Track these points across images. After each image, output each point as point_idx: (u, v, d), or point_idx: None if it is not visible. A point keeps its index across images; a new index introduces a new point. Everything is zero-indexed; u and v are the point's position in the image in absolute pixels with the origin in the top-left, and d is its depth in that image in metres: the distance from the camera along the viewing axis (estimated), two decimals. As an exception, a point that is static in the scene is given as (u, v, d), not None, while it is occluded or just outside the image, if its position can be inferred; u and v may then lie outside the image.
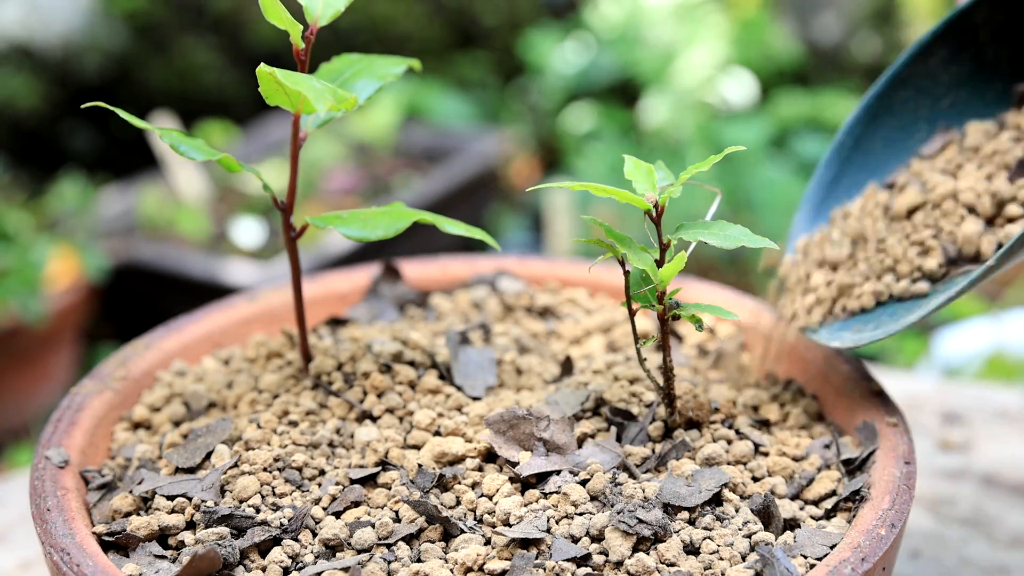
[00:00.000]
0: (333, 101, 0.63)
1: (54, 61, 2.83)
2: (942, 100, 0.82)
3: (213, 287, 2.17)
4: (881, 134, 0.83)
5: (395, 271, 0.91)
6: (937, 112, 0.82)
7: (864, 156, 0.83)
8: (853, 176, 0.83)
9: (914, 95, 0.83)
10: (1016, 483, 1.06)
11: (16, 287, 1.99)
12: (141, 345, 0.83)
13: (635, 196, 0.67)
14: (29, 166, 2.77)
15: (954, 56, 0.82)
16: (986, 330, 1.86)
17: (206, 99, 2.93)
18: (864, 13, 3.10)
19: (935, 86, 0.82)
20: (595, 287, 0.92)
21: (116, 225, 2.42)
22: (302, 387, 0.77)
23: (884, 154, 0.83)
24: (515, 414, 0.71)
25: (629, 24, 3.08)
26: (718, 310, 0.69)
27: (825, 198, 0.83)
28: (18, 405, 2.20)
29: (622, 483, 0.67)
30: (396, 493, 0.68)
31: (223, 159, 0.69)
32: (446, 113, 3.00)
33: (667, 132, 2.84)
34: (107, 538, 0.67)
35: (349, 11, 0.73)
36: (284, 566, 0.64)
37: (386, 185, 2.57)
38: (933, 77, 0.82)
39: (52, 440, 0.73)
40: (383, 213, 0.73)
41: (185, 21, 2.99)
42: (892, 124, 0.83)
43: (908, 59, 0.82)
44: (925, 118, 0.83)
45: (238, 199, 2.50)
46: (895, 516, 0.65)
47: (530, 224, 2.90)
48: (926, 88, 0.82)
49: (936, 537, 0.99)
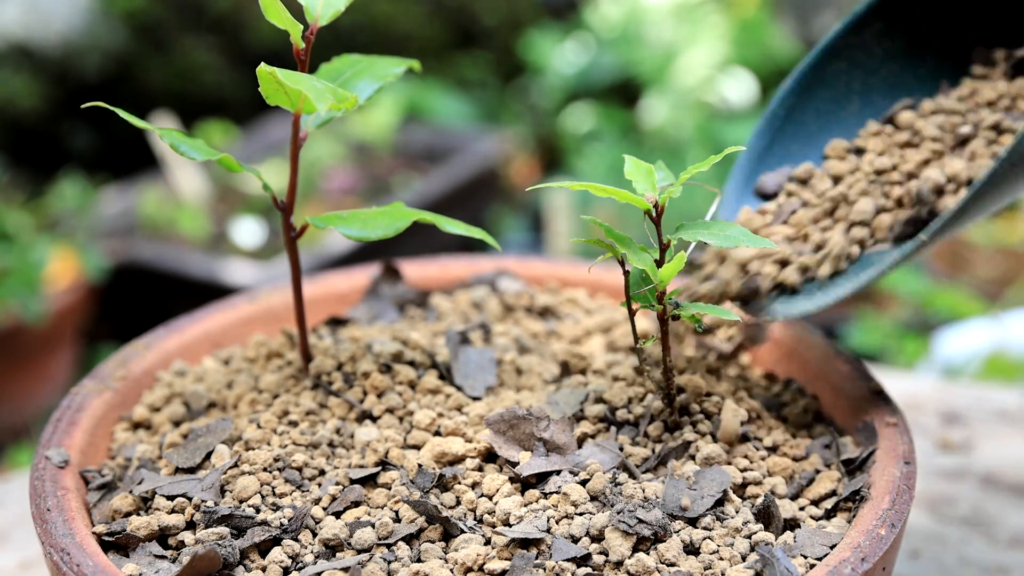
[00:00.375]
0: (333, 101, 0.63)
1: (54, 61, 2.83)
2: (875, 74, 0.82)
3: (213, 287, 2.17)
4: (813, 106, 0.83)
5: (395, 271, 0.91)
6: (869, 86, 0.82)
7: (796, 127, 0.83)
8: (785, 146, 0.83)
9: (847, 68, 0.82)
10: (1016, 483, 1.06)
11: (16, 287, 1.99)
12: (141, 345, 0.83)
13: (635, 196, 0.67)
14: (29, 166, 2.77)
15: (888, 30, 0.81)
16: (986, 330, 1.86)
17: (206, 99, 2.93)
18: (864, 13, 3.10)
19: (868, 59, 0.82)
20: (595, 287, 0.92)
21: (116, 225, 2.42)
22: (302, 387, 0.77)
23: (816, 126, 0.82)
24: (515, 414, 0.71)
25: (629, 24, 3.08)
26: (718, 310, 0.69)
27: (756, 167, 0.82)
28: (18, 405, 2.20)
29: (622, 483, 0.67)
30: (396, 493, 0.68)
31: (223, 159, 0.69)
32: (446, 113, 3.00)
33: (667, 132, 2.84)
34: (107, 538, 0.67)
35: (349, 11, 0.73)
36: (284, 566, 0.64)
37: (386, 185, 2.58)
38: (867, 50, 0.82)
39: (52, 440, 0.73)
40: (383, 213, 0.73)
41: (185, 21, 2.99)
42: (824, 96, 0.83)
43: (842, 31, 0.82)
44: (857, 91, 0.82)
45: (238, 199, 2.50)
46: (895, 516, 0.65)
47: (530, 224, 2.90)
48: (859, 61, 0.82)
49: (936, 537, 0.99)
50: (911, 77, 0.82)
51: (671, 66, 2.96)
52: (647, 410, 0.73)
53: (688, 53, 2.96)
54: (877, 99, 0.82)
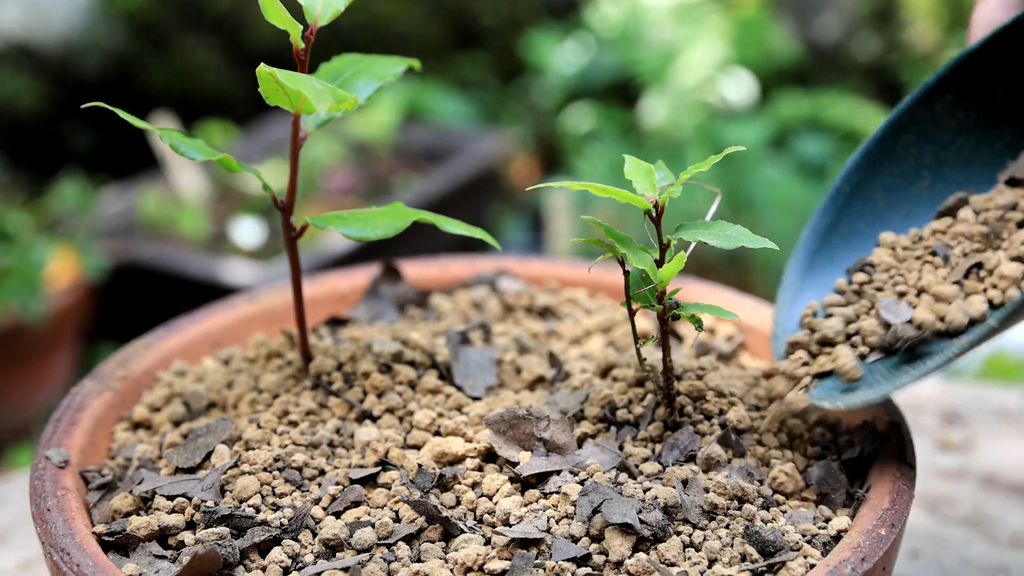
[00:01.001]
0: (333, 101, 0.63)
1: (54, 61, 2.83)
2: (948, 147, 0.78)
3: (213, 287, 2.17)
4: (881, 181, 0.79)
5: (395, 271, 0.91)
6: (942, 160, 0.78)
7: (862, 203, 0.79)
8: (850, 224, 0.78)
9: (917, 140, 0.78)
10: (1016, 483, 1.06)
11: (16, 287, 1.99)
12: (141, 345, 0.83)
13: (635, 196, 0.67)
14: (29, 166, 2.77)
15: (961, 101, 0.77)
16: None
17: (206, 99, 2.94)
18: (864, 13, 3.10)
19: (940, 132, 0.78)
20: (595, 287, 0.92)
21: (116, 225, 2.42)
22: (302, 387, 0.77)
23: (884, 202, 0.78)
24: (515, 414, 0.71)
25: (629, 24, 3.08)
26: (718, 310, 0.69)
27: (820, 247, 0.78)
28: (18, 405, 2.20)
29: (622, 483, 0.67)
30: (396, 493, 0.68)
31: (223, 159, 0.69)
32: (446, 113, 3.00)
33: (667, 132, 2.84)
34: (107, 538, 0.67)
35: (349, 11, 0.73)
36: (284, 566, 0.64)
37: (386, 185, 2.58)
38: (938, 122, 0.78)
39: (52, 440, 0.73)
40: (383, 213, 0.73)
41: (185, 21, 2.99)
42: (893, 171, 0.78)
43: (911, 103, 0.78)
44: (929, 165, 0.78)
45: (238, 199, 2.50)
46: (895, 516, 0.65)
47: (530, 224, 2.90)
48: (930, 134, 0.78)
49: (936, 537, 0.99)
50: (987, 151, 0.77)
51: (671, 66, 2.96)
52: (647, 410, 0.73)
53: (688, 53, 2.96)
54: (950, 174, 0.78)
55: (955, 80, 0.77)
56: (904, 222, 0.78)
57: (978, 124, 0.78)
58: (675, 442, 0.71)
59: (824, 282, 0.77)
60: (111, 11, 2.89)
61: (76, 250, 2.19)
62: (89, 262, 2.17)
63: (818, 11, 3.14)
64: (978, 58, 0.75)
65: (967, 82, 0.77)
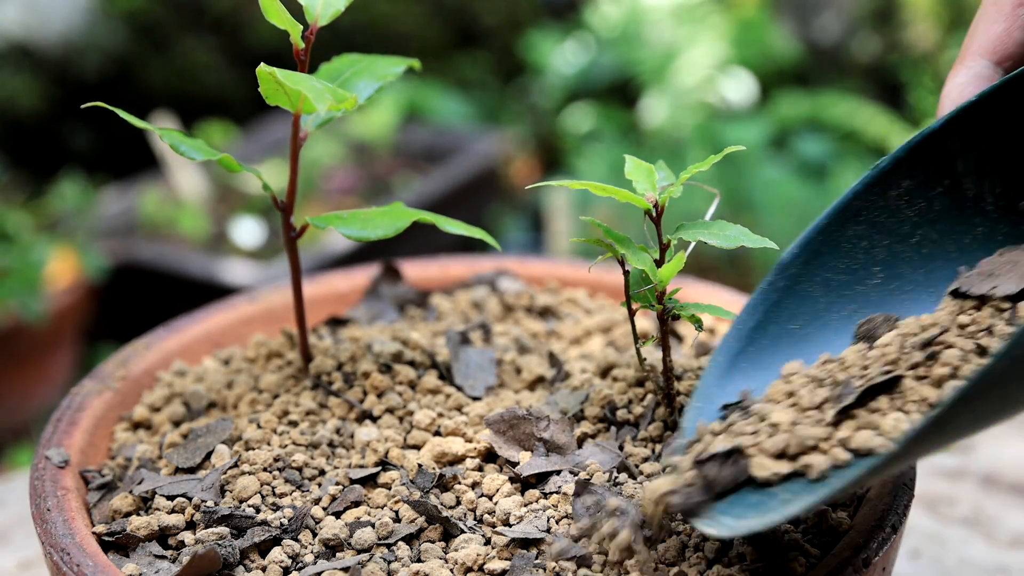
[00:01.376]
0: (333, 101, 0.63)
1: (54, 61, 2.83)
2: (906, 241, 0.66)
3: (213, 287, 2.17)
4: (822, 276, 0.67)
5: (395, 271, 0.91)
6: (898, 255, 0.66)
7: (799, 301, 0.67)
8: (782, 324, 0.67)
9: (868, 232, 0.66)
10: (1016, 483, 1.06)
11: (16, 287, 1.99)
12: (141, 345, 0.83)
13: (635, 196, 0.67)
14: (29, 166, 2.77)
15: (921, 187, 0.66)
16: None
17: (206, 99, 2.94)
18: (864, 13, 3.10)
19: (896, 223, 0.66)
20: (595, 287, 0.92)
21: (116, 225, 2.42)
22: (302, 387, 0.77)
23: (824, 300, 0.67)
24: (515, 414, 0.71)
25: (629, 24, 3.08)
26: (718, 310, 0.69)
27: (745, 348, 0.67)
28: (18, 405, 2.20)
29: (622, 483, 0.67)
30: (396, 493, 0.68)
31: (223, 159, 0.69)
32: (446, 113, 3.00)
33: (667, 132, 2.84)
34: (107, 538, 0.67)
35: (349, 11, 0.73)
36: (284, 566, 0.64)
37: (386, 185, 2.58)
38: (894, 212, 0.66)
39: (52, 440, 0.73)
40: (383, 213, 0.73)
41: (185, 21, 2.99)
42: (837, 265, 0.67)
43: (861, 188, 0.66)
44: (882, 261, 0.67)
45: (238, 199, 2.50)
46: (895, 516, 0.65)
47: (530, 224, 2.90)
48: (884, 225, 0.66)
49: (936, 537, 0.99)
50: (953, 247, 0.66)
51: (671, 66, 2.96)
52: (647, 410, 0.73)
53: (688, 53, 2.96)
54: (907, 272, 0.66)
55: (914, 163, 0.65)
56: (847, 323, 0.67)
57: (943, 215, 0.66)
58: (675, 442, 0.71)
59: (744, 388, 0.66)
60: (111, 11, 2.89)
61: (76, 250, 2.19)
62: (89, 262, 2.17)
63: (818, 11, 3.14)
64: (942, 138, 0.65)
65: (929, 166, 0.65)
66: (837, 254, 0.67)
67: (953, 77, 0.66)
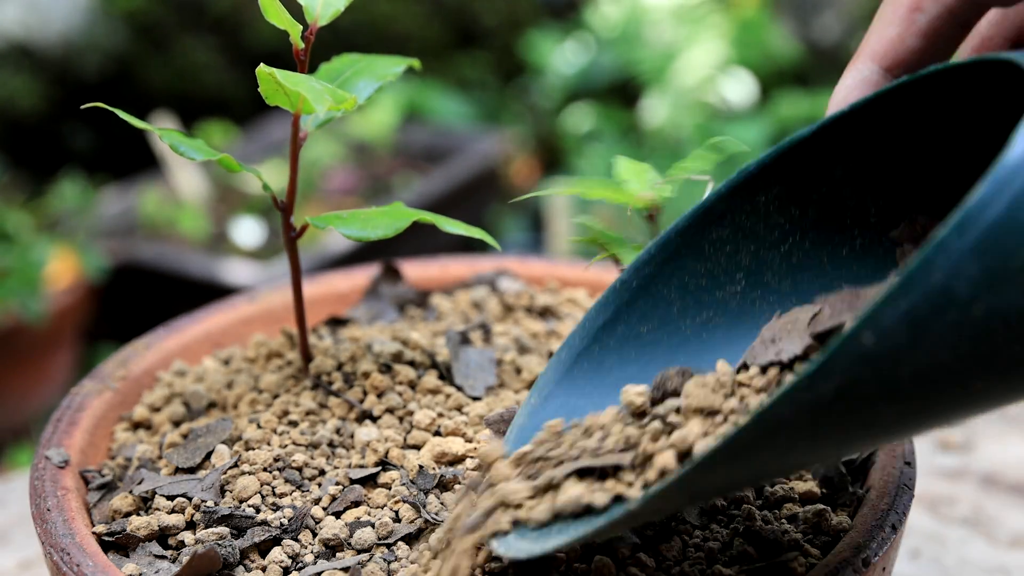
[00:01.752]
0: (332, 101, 0.63)
1: (54, 61, 2.83)
2: (775, 248, 0.62)
3: (213, 287, 2.18)
4: (678, 278, 0.63)
5: (395, 271, 0.91)
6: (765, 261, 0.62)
7: (652, 303, 0.63)
8: (632, 326, 0.63)
9: (733, 236, 0.62)
10: (1016, 483, 1.06)
11: (16, 287, 1.99)
12: (141, 345, 0.83)
13: (627, 195, 0.67)
14: (29, 166, 2.77)
15: (793, 195, 0.61)
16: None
17: (206, 99, 2.94)
18: (864, 13, 3.10)
19: (765, 230, 0.62)
20: (595, 287, 0.92)
21: (116, 225, 2.42)
22: (302, 387, 0.77)
23: (679, 304, 0.63)
24: (515, 414, 0.71)
25: (629, 24, 3.08)
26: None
27: (590, 346, 0.64)
28: (18, 405, 2.20)
29: (622, 483, 0.67)
30: (396, 493, 0.68)
31: (223, 159, 0.69)
32: (446, 113, 3.00)
33: (667, 132, 2.85)
34: (107, 538, 0.67)
35: (349, 11, 0.73)
36: (284, 566, 0.64)
37: (386, 185, 2.58)
38: (763, 217, 0.62)
39: (52, 440, 0.73)
40: (383, 213, 0.73)
41: (185, 21, 2.99)
42: (696, 268, 0.63)
43: (725, 191, 0.62)
44: (746, 267, 0.62)
45: (238, 199, 2.50)
46: (895, 516, 0.65)
47: (530, 224, 2.91)
48: (751, 230, 0.62)
49: (936, 537, 0.99)
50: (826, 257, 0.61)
51: (671, 66, 2.96)
52: (647, 410, 0.73)
53: (688, 53, 2.97)
54: (772, 280, 0.62)
55: (785, 169, 0.61)
56: (699, 333, 0.63)
57: (817, 224, 0.61)
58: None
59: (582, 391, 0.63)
60: (111, 11, 2.89)
61: (76, 250, 2.19)
62: (89, 262, 2.17)
63: (818, 11, 3.14)
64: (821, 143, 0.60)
65: (803, 172, 0.61)
66: (698, 257, 0.63)
67: (843, 79, 0.61)
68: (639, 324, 0.63)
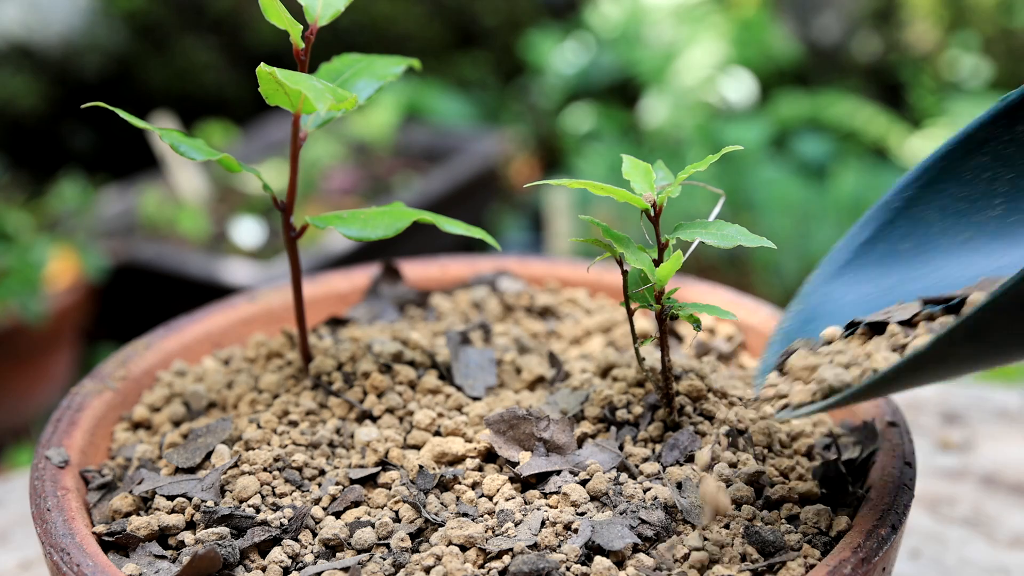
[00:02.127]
0: (333, 101, 0.63)
1: (54, 61, 2.83)
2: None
3: (213, 287, 2.17)
4: (940, 201, 0.67)
5: (395, 271, 0.91)
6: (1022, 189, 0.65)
7: (912, 223, 0.68)
8: (893, 244, 0.68)
9: (992, 163, 0.66)
10: (1016, 483, 1.06)
11: (16, 287, 1.99)
12: (141, 345, 0.83)
13: (633, 195, 0.67)
14: (29, 166, 2.77)
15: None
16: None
17: (206, 99, 2.94)
18: (864, 13, 3.10)
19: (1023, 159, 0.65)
20: (595, 287, 0.92)
21: (116, 225, 2.42)
22: (302, 387, 0.77)
23: (940, 225, 0.67)
24: (515, 414, 0.71)
25: (629, 24, 3.08)
26: (717, 310, 0.69)
27: (851, 260, 0.69)
28: (18, 405, 2.20)
29: (622, 483, 0.67)
30: (396, 493, 0.68)
31: (223, 159, 0.69)
32: (446, 113, 3.00)
33: (667, 132, 2.85)
34: (107, 538, 0.67)
35: (349, 11, 0.73)
36: (284, 566, 0.64)
37: (386, 185, 2.58)
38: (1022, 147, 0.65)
39: (52, 440, 0.73)
40: (383, 213, 0.73)
41: (185, 21, 2.99)
42: (956, 192, 0.67)
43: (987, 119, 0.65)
44: (1004, 193, 0.66)
45: (238, 199, 2.50)
46: (895, 516, 0.65)
47: (530, 224, 2.91)
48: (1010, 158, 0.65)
49: (936, 537, 0.99)
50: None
51: (671, 66, 2.96)
52: (647, 410, 0.73)
53: (688, 53, 2.97)
54: None
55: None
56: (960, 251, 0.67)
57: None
58: (675, 442, 0.71)
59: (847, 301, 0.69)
60: (111, 11, 2.89)
61: (76, 250, 2.19)
62: (89, 262, 2.17)
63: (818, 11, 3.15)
64: None
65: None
66: (957, 182, 0.67)
67: None
68: (899, 242, 0.68)
